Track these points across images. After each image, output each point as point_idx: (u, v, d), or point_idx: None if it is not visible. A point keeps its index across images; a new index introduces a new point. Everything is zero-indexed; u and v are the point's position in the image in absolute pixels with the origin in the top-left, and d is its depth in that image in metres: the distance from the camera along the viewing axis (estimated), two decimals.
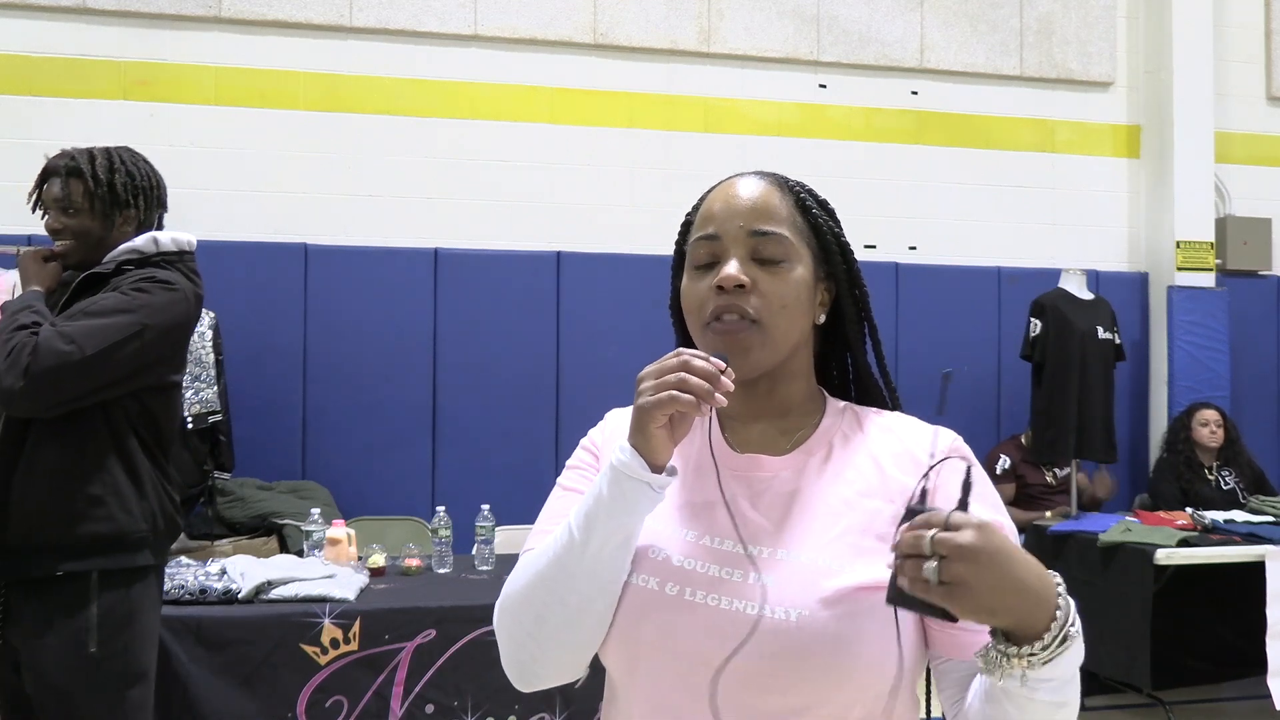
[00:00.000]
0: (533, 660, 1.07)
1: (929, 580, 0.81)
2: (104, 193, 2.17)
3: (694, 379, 0.95)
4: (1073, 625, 0.87)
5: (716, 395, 0.95)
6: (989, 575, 0.82)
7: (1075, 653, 0.87)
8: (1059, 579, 0.89)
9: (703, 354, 0.98)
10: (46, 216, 2.21)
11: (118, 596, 2.06)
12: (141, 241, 2.19)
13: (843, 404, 1.15)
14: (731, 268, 1.05)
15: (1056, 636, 0.85)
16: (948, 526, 0.82)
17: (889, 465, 1.06)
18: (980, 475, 1.05)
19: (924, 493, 0.90)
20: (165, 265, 2.19)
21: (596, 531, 1.00)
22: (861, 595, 0.96)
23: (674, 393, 0.95)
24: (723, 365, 0.97)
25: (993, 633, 0.88)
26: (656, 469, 0.98)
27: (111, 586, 2.06)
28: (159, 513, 2.15)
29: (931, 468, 0.95)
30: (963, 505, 0.87)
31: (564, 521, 1.04)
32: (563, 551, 1.02)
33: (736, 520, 1.04)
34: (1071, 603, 0.88)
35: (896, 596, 0.86)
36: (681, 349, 0.99)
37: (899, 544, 0.84)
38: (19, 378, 1.95)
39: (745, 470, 1.08)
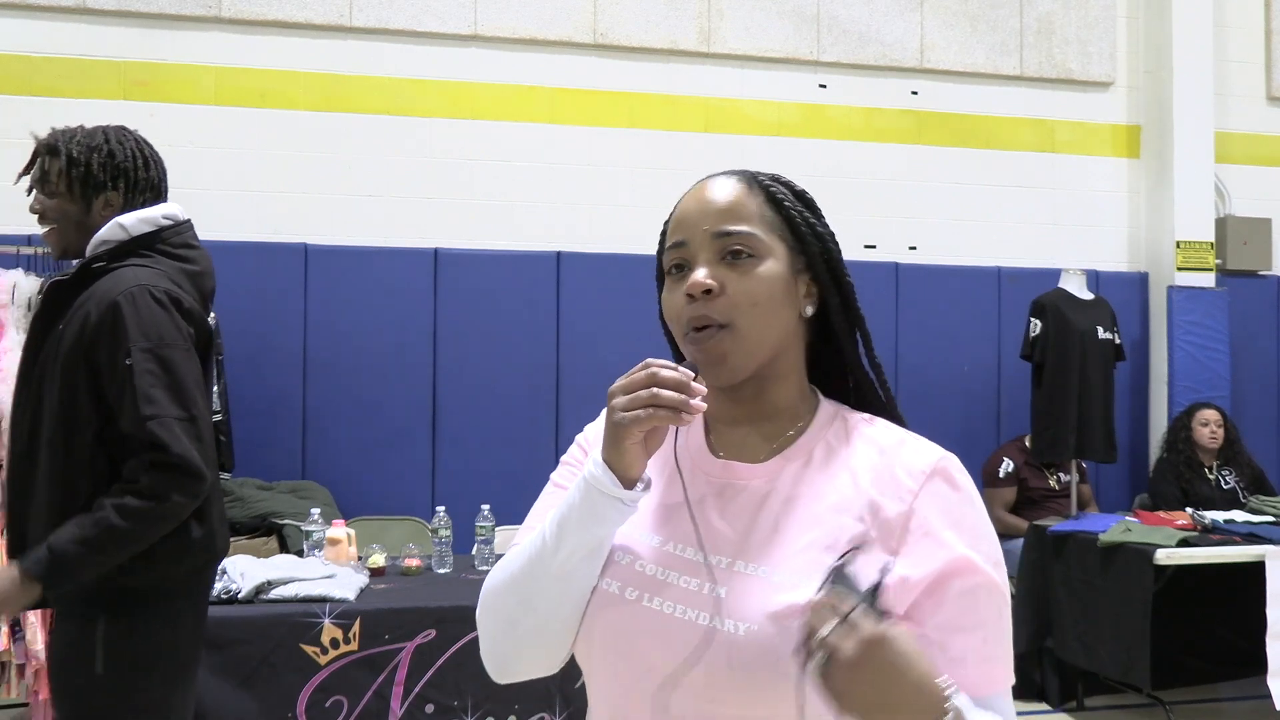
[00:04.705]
0: (505, 656, 1.09)
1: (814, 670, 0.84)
2: (80, 172, 2.00)
3: (665, 393, 0.95)
4: None
5: (692, 404, 0.95)
6: (866, 690, 0.84)
7: None
8: (950, 690, 0.87)
9: (670, 363, 0.98)
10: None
11: (132, 616, 1.89)
12: (107, 230, 1.99)
13: (834, 408, 1.12)
14: (699, 274, 1.03)
15: None
16: (846, 621, 0.84)
17: (865, 481, 1.02)
18: (966, 499, 1.02)
19: (847, 558, 0.90)
20: (144, 251, 2.00)
21: (567, 540, 1.02)
22: None
23: (649, 409, 0.95)
24: (691, 374, 0.97)
25: None
26: (629, 483, 0.99)
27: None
28: (178, 546, 1.93)
29: (845, 554, 0.93)
30: (871, 601, 0.86)
31: (539, 526, 1.06)
32: (535, 556, 1.04)
33: (700, 528, 1.04)
34: (963, 714, 0.87)
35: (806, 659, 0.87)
36: (649, 359, 0.98)
37: (809, 611, 0.86)
38: (186, 490, 1.86)
39: (719, 476, 1.07)
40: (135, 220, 2.01)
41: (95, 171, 2.00)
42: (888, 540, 0.98)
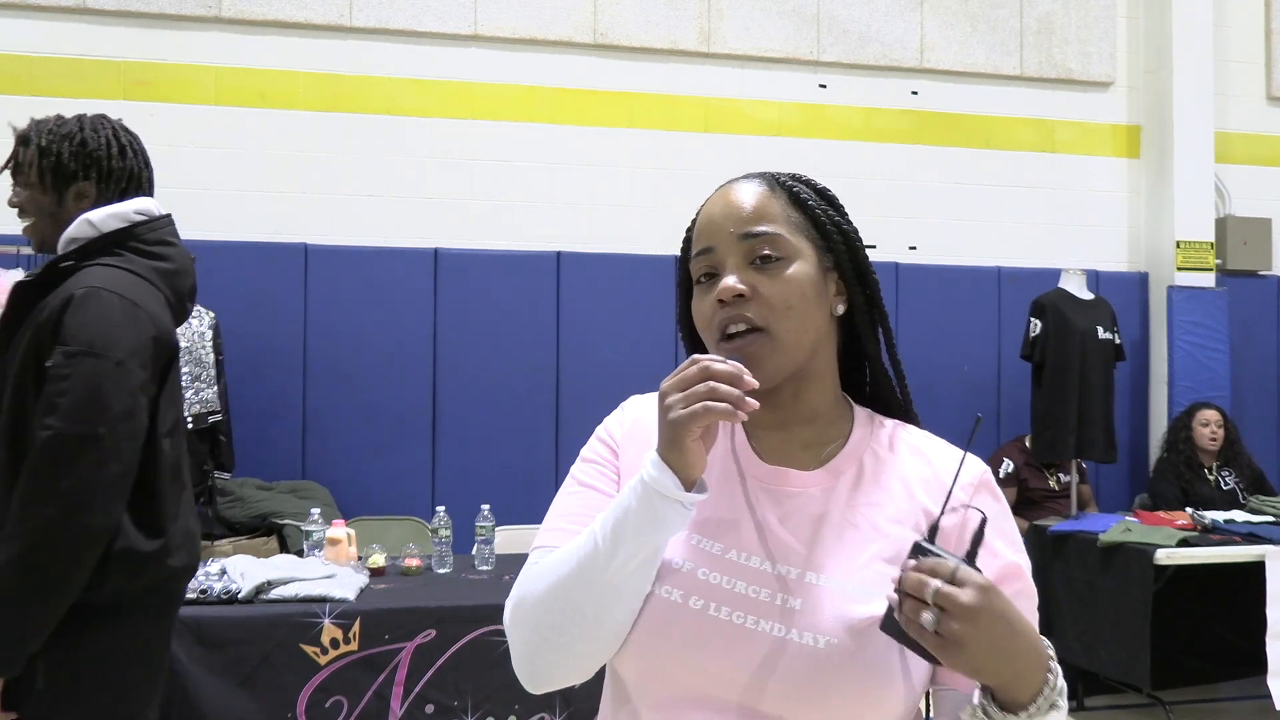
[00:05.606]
0: (546, 665, 1.04)
1: (925, 627, 0.84)
2: (51, 163, 1.91)
3: (723, 387, 0.93)
4: (1060, 695, 0.90)
5: (748, 400, 0.93)
6: (983, 638, 0.84)
7: None
8: (1051, 649, 0.91)
9: (720, 358, 0.96)
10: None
11: (77, 633, 1.75)
12: (75, 228, 1.88)
13: (868, 414, 1.12)
14: (729, 279, 1.03)
15: (1041, 706, 0.89)
16: (953, 580, 0.84)
17: (919, 491, 1.04)
18: (1005, 509, 1.06)
19: (934, 530, 0.90)
20: (115, 250, 1.88)
21: (624, 546, 0.97)
22: None
23: (708, 404, 0.92)
24: (741, 367, 0.96)
25: (982, 689, 0.91)
26: (689, 485, 0.96)
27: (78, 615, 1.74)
28: (124, 553, 1.79)
29: (947, 506, 0.93)
30: (970, 557, 0.88)
31: (588, 530, 1.01)
32: (586, 561, 0.99)
33: (765, 537, 1.02)
34: (1059, 673, 0.91)
35: (890, 627, 0.88)
36: (697, 355, 0.96)
37: (902, 580, 0.86)
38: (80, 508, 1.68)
39: (772, 483, 1.06)
40: (104, 216, 1.89)
41: (66, 161, 1.91)
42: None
